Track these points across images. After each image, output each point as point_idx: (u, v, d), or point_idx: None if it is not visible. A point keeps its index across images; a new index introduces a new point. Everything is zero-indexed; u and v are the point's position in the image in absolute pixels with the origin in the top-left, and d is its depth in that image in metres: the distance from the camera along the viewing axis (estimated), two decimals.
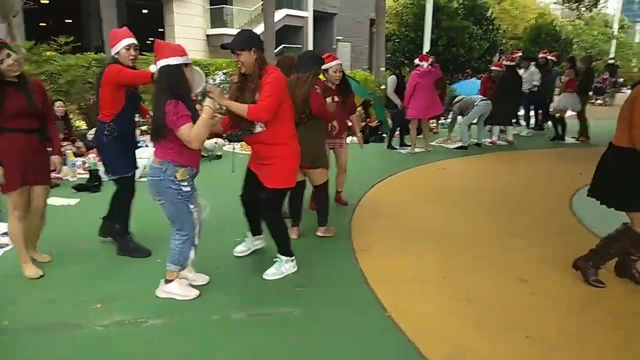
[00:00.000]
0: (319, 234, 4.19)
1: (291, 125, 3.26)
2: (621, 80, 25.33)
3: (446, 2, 20.58)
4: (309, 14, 19.53)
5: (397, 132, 8.79)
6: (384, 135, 9.32)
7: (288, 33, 23.02)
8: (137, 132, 5.89)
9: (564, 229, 4.52)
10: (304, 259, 3.66)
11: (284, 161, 3.20)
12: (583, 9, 11.13)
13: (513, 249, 4.01)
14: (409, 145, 8.39)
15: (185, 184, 2.90)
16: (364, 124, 9.61)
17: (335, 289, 3.24)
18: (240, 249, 3.73)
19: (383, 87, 10.39)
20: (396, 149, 8.58)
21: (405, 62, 9.80)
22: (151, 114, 3.03)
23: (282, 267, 3.39)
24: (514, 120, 9.68)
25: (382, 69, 14.60)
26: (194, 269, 3.25)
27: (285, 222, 3.46)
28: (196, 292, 3.06)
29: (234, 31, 20.62)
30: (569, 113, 9.74)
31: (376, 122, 9.79)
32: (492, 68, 9.67)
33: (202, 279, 3.24)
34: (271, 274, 3.36)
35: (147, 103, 4.15)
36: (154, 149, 2.97)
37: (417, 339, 2.61)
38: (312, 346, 2.58)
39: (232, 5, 22.61)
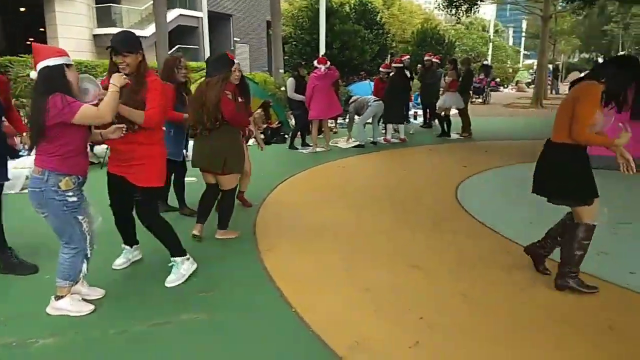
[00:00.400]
0: (217, 236, 4.17)
1: (162, 126, 3.34)
2: (498, 80, 28.00)
3: (338, 7, 21.29)
4: (203, 15, 19.07)
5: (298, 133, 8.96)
6: (286, 136, 9.43)
7: (183, 33, 22.33)
8: (17, 140, 5.40)
9: (450, 217, 4.92)
10: (208, 262, 3.62)
11: (155, 160, 3.18)
12: (460, 14, 12.13)
13: (406, 238, 4.29)
14: (311, 145, 8.58)
15: (71, 193, 2.72)
16: (265, 125, 9.65)
17: (240, 290, 3.24)
18: (119, 262, 3.54)
19: (283, 88, 10.51)
20: (298, 149, 8.72)
21: (303, 63, 10.00)
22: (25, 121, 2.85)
23: (181, 270, 3.33)
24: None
25: (281, 70, 14.73)
26: (87, 283, 3.07)
27: (167, 221, 3.34)
28: (91, 307, 2.90)
29: None
30: (453, 111, 10.57)
31: (277, 123, 9.87)
32: (381, 70, 10.19)
33: (96, 292, 3.07)
34: (172, 280, 3.28)
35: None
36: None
37: (322, 332, 2.70)
38: (218, 351, 2.56)
39: (120, 3, 21.42)
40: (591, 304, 3.04)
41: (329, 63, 8.32)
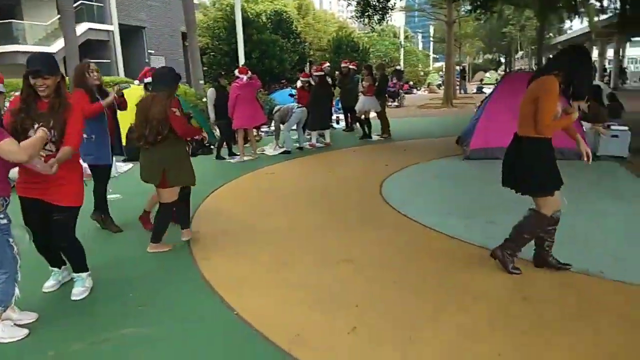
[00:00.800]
0: (149, 250, 4.14)
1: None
2: (411, 83, 29.42)
3: (254, 17, 21.41)
4: (114, 28, 18.41)
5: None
6: (212, 147, 9.39)
7: (93, 48, 21.34)
8: None
9: (376, 212, 5.21)
10: (145, 277, 3.62)
11: (74, 179, 3.18)
12: (373, 23, 12.73)
13: (337, 235, 4.50)
14: (238, 155, 8.63)
15: (2, 216, 2.65)
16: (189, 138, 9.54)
17: (180, 301, 3.27)
18: (49, 285, 3.44)
19: (204, 99, 10.44)
20: (225, 159, 8.72)
21: (223, 73, 10.01)
22: None
23: (87, 282, 3.35)
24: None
25: (201, 81, 14.56)
26: (18, 308, 2.97)
27: (79, 241, 3.30)
28: (25, 332, 2.81)
29: (28, 48, 18.38)
30: (372, 114, 11.05)
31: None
32: (301, 79, 10.41)
33: (28, 316, 2.98)
34: (80, 292, 3.28)
35: None
36: None
37: (265, 329, 2.82)
38: None
39: (22, 19, 20.10)
40: (507, 281, 3.40)
41: (250, 73, 8.43)
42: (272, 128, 10.26)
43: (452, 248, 4.07)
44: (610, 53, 29.81)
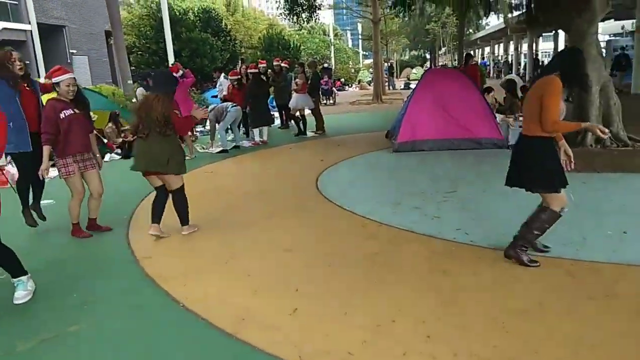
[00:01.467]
0: (184, 232, 4.54)
1: None
2: (342, 80, 30.06)
3: (182, 15, 21.06)
4: (32, 27, 17.43)
5: None
6: None
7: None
8: None
9: (313, 204, 5.49)
10: (87, 276, 3.68)
11: None
12: (302, 21, 12.99)
13: (277, 227, 4.74)
14: None
15: None
16: (120, 139, 9.38)
17: (125, 298, 3.36)
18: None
19: (134, 100, 10.26)
20: None
21: (152, 73, 9.90)
22: None
23: (28, 285, 3.37)
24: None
25: (130, 81, 14.20)
26: None
27: (7, 246, 3.26)
28: None
29: None
30: (307, 111, 11.34)
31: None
32: (230, 78, 10.48)
33: None
34: (23, 296, 3.30)
35: None
36: None
37: (211, 317, 2.99)
38: (112, 357, 2.69)
39: None
40: (430, 258, 3.79)
41: (181, 71, 8.41)
42: (208, 127, 10.28)
43: (382, 232, 4.42)
44: (525, 48, 32.03)
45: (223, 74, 11.79)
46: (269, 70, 11.12)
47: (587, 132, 7.37)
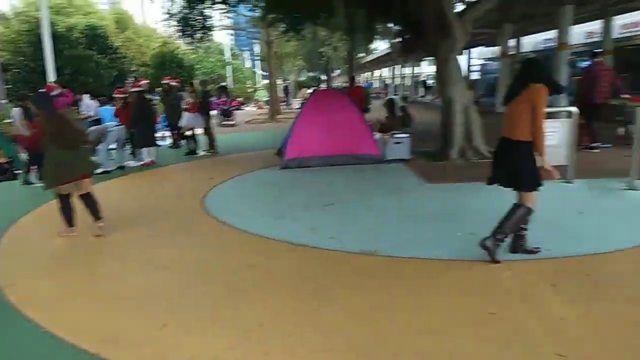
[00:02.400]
0: (101, 224, 5.08)
1: None
2: (240, 99, 30.11)
3: (65, 32, 19.89)
4: None
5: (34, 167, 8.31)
6: (17, 172, 8.62)
7: None
8: None
9: (196, 222, 5.52)
10: None
11: None
12: (195, 42, 12.94)
13: (157, 245, 4.71)
14: None
15: None
16: None
17: None
18: None
19: (9, 120, 9.52)
20: (34, 183, 8.11)
21: (29, 94, 9.28)
22: None
23: None
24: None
25: (4, 101, 13.10)
26: None
27: None
28: None
29: None
30: (199, 130, 11.26)
31: (7, 159, 8.92)
32: (115, 96, 10.13)
33: None
34: None
35: None
36: None
37: (77, 340, 2.94)
38: None
39: None
40: (301, 263, 4.03)
41: (59, 89, 8.01)
42: None
43: (261, 245, 4.59)
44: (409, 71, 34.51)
45: (88, 95, 11.45)
46: (158, 89, 10.93)
47: (451, 147, 8.23)
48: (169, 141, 12.83)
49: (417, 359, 2.59)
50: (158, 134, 11.31)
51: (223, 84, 22.10)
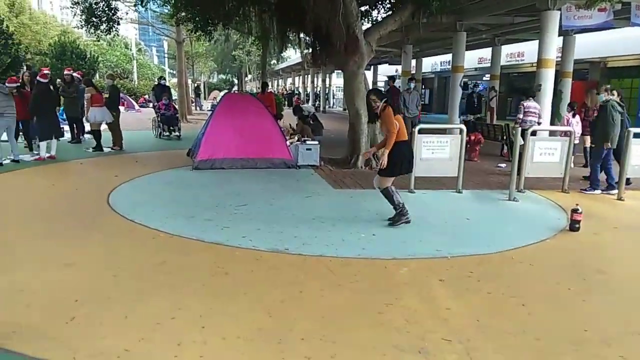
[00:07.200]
0: None
1: None
2: (147, 96, 28.89)
3: None
4: None
5: None
6: None
7: None
8: None
9: (101, 220, 5.37)
10: None
11: None
12: (99, 33, 12.28)
13: (60, 243, 4.54)
14: None
15: None
16: None
17: None
18: None
19: None
20: None
21: None
22: None
23: None
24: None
25: None
26: None
27: None
28: None
29: None
30: (103, 125, 10.75)
31: None
32: (8, 85, 9.35)
33: None
34: None
35: None
36: None
37: None
38: None
39: None
40: (213, 260, 4.13)
41: None
42: None
43: (172, 243, 4.61)
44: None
45: None
46: (58, 80, 10.30)
47: (359, 156, 8.73)
48: (67, 135, 12.09)
49: (322, 343, 2.84)
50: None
51: (163, 81, 16.87)
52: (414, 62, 20.31)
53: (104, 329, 2.95)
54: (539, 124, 8.77)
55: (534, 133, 7.09)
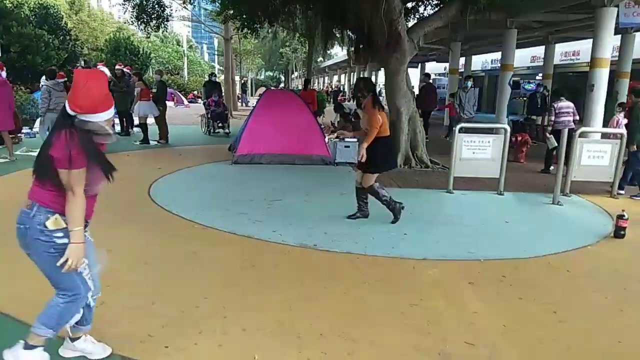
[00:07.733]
0: None
1: None
2: (196, 92, 29.70)
3: (14, 8, 19.04)
4: None
5: None
6: None
7: None
8: None
9: (141, 210, 5.57)
10: None
11: None
12: (150, 30, 12.73)
13: (101, 231, 4.72)
14: None
15: (61, 234, 2.26)
16: None
17: None
18: None
19: None
20: None
21: None
22: None
23: None
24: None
25: None
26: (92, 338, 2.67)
27: None
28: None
29: None
30: (150, 119, 11.14)
31: None
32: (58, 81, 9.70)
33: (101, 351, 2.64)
34: None
35: None
36: None
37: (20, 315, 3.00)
38: None
39: None
40: (242, 253, 4.20)
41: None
42: (35, 129, 9.53)
43: (205, 234, 4.72)
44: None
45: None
46: (109, 75, 10.73)
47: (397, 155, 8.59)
48: (117, 128, 12.59)
49: (340, 340, 2.83)
50: None
51: (213, 78, 16.85)
52: (462, 59, 19.80)
53: (131, 313, 3.06)
54: (574, 122, 8.31)
55: (571, 134, 6.71)
